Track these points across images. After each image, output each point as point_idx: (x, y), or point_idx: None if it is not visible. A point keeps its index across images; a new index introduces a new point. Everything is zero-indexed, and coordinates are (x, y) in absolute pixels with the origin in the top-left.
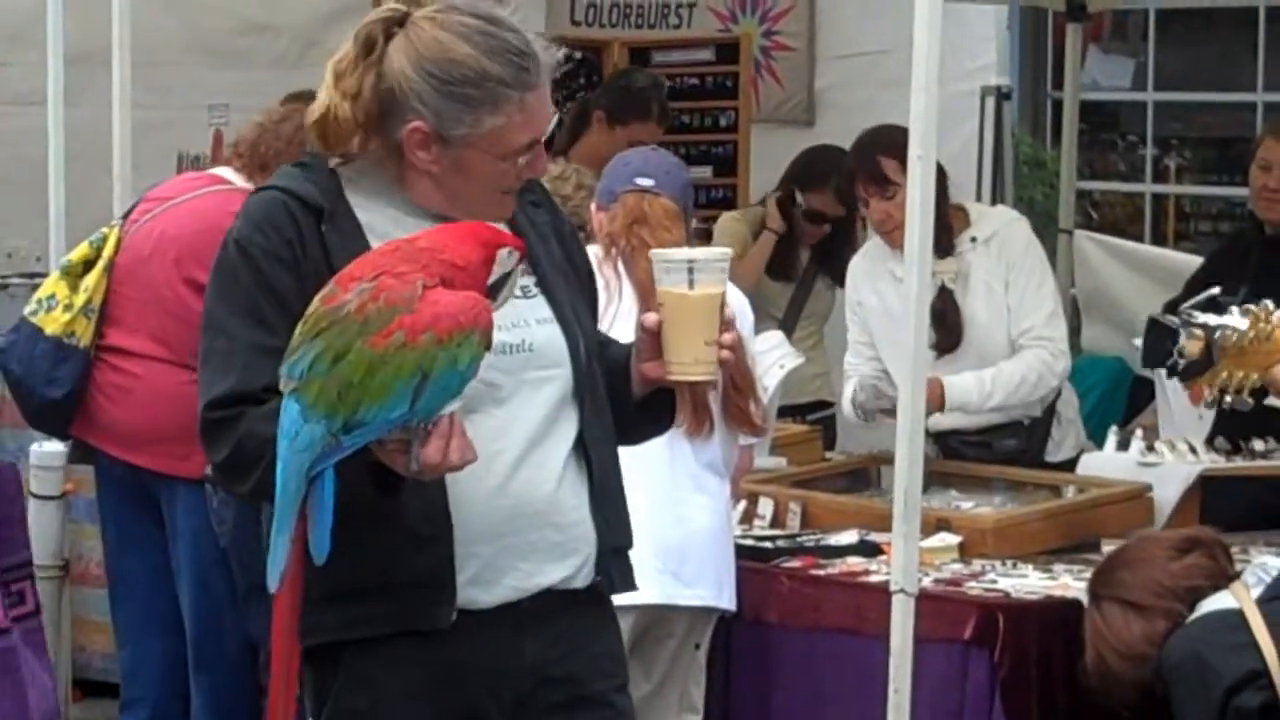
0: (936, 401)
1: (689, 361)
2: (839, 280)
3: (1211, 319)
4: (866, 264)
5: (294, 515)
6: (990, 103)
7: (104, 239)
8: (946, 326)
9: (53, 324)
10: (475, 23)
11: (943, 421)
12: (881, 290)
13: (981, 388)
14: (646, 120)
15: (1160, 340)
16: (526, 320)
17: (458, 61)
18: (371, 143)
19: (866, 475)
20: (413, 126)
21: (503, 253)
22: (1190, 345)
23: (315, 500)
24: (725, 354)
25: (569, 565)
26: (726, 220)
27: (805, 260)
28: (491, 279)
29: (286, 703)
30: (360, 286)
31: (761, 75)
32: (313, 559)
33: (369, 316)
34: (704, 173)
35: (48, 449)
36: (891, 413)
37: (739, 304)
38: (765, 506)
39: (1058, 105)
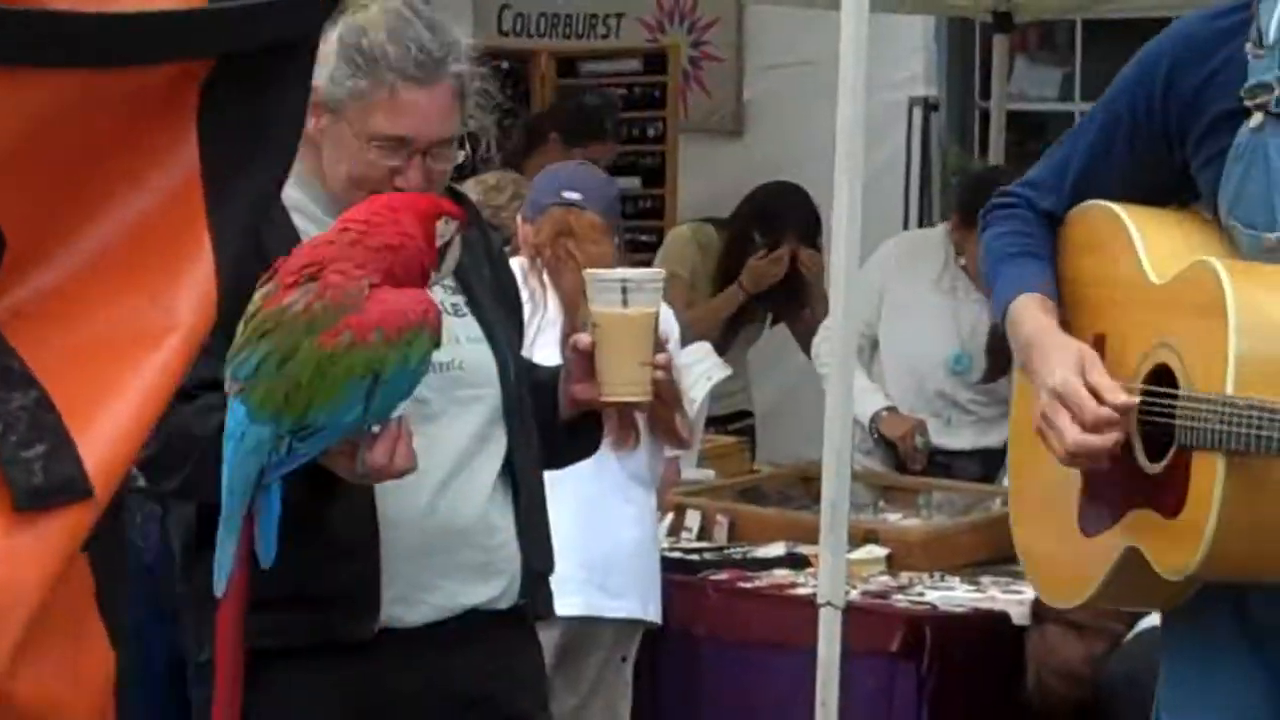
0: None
1: (621, 382)
2: (783, 318)
3: None
4: (907, 248)
5: (239, 520)
6: (918, 113)
7: None
8: (996, 357)
9: None
10: (403, 10)
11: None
12: (908, 280)
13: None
14: (604, 140)
15: None
16: (457, 338)
17: (364, 31)
18: None
19: (792, 485)
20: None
21: (439, 223)
22: None
23: (263, 506)
24: (659, 374)
25: (494, 586)
26: (676, 237)
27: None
28: (438, 245)
29: (232, 708)
30: (305, 285)
31: (690, 85)
32: (259, 563)
33: (315, 315)
34: (633, 183)
35: None
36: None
37: (666, 316)
38: (693, 519)
39: (985, 115)
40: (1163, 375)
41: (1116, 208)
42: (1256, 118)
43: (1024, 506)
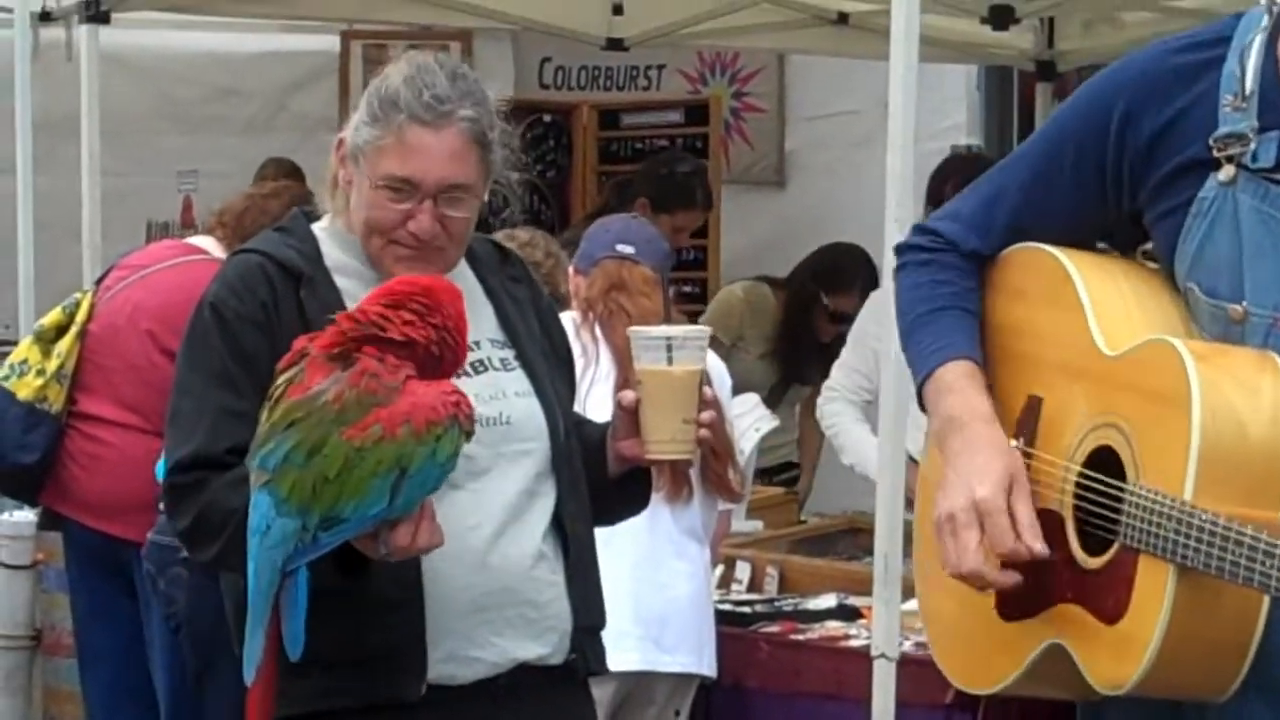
0: None
1: (666, 440)
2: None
3: None
4: None
5: (268, 609)
6: None
7: (77, 304)
8: None
9: (25, 389)
10: (428, 61)
11: None
12: None
13: None
14: (692, 209)
15: None
16: (505, 393)
17: (386, 79)
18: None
19: (840, 536)
20: (339, 138)
21: None
22: None
23: (289, 597)
24: (704, 433)
25: (545, 643)
26: (727, 298)
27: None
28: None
29: None
30: (336, 374)
31: (731, 136)
32: (290, 654)
33: (346, 406)
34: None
35: (18, 518)
36: None
37: (716, 369)
38: (743, 570)
39: None
40: (1106, 458)
41: (1060, 255)
42: (1227, 170)
43: (931, 569)
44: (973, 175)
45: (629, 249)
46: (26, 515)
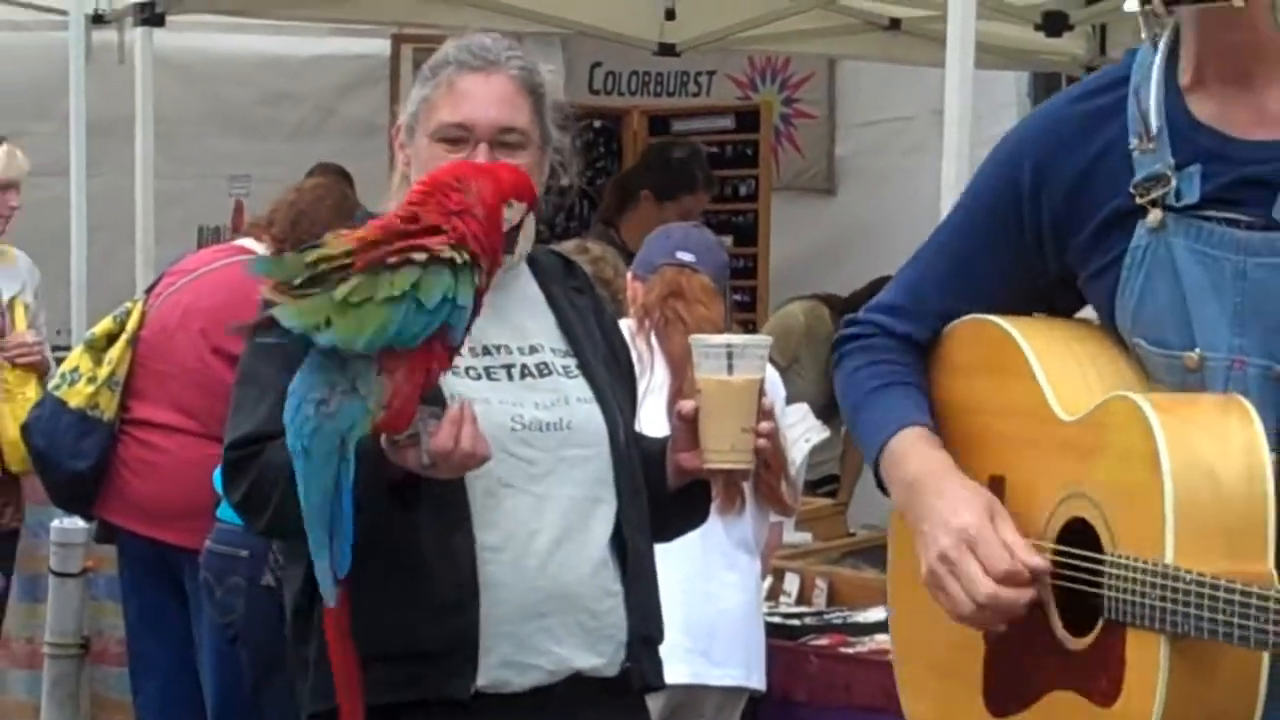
0: None
1: (726, 449)
2: None
3: None
4: None
5: (327, 531)
6: None
7: (128, 313)
8: None
9: (76, 397)
10: (476, 37)
11: None
12: None
13: None
14: (695, 192)
15: None
16: (567, 398)
17: (436, 55)
18: None
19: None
20: (395, 126)
21: (508, 205)
22: None
23: (337, 515)
24: (762, 442)
25: (601, 653)
26: (785, 319)
27: None
28: (508, 224)
29: (353, 708)
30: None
31: (781, 143)
32: (337, 573)
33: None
34: (724, 242)
35: (68, 525)
36: None
37: (771, 378)
38: (791, 583)
39: None
40: (1078, 531)
41: (1003, 323)
42: (1154, 215)
43: (914, 671)
44: None
45: (689, 256)
46: (77, 523)
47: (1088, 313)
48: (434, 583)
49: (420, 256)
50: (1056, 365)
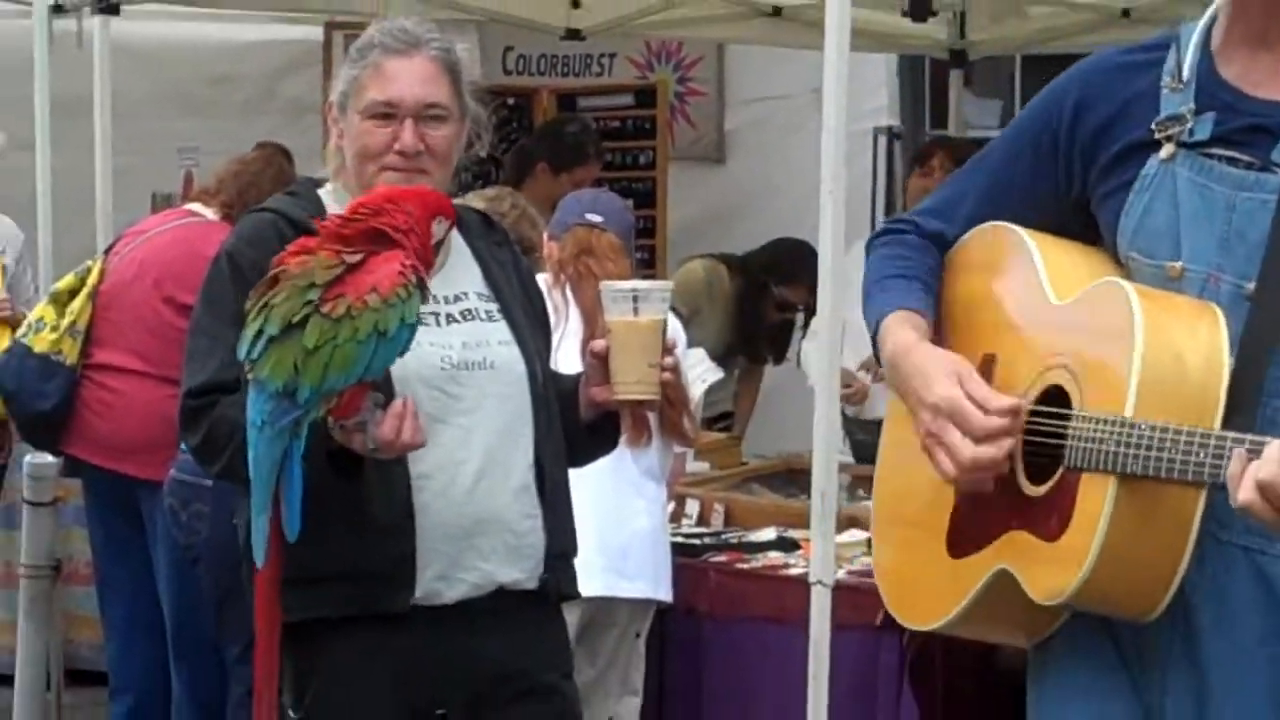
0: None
1: (633, 382)
2: (778, 357)
3: None
4: (858, 256)
5: (269, 497)
6: (883, 141)
7: (88, 270)
8: None
9: (41, 343)
10: (397, 21)
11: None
12: None
13: None
14: (586, 164)
15: None
16: (489, 341)
17: (362, 38)
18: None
19: (777, 476)
20: (327, 103)
21: (435, 222)
22: None
23: (286, 485)
24: (667, 375)
25: (522, 568)
26: (688, 275)
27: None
28: (435, 238)
29: (269, 674)
30: (301, 258)
31: (676, 118)
32: (287, 535)
33: (311, 272)
34: (628, 205)
35: (40, 460)
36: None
37: (673, 325)
38: (692, 507)
39: None
40: (1054, 396)
41: (1016, 228)
42: (1167, 149)
43: (888, 526)
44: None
45: (598, 218)
46: (46, 457)
47: None
48: (375, 510)
49: (375, 299)
50: (1055, 263)
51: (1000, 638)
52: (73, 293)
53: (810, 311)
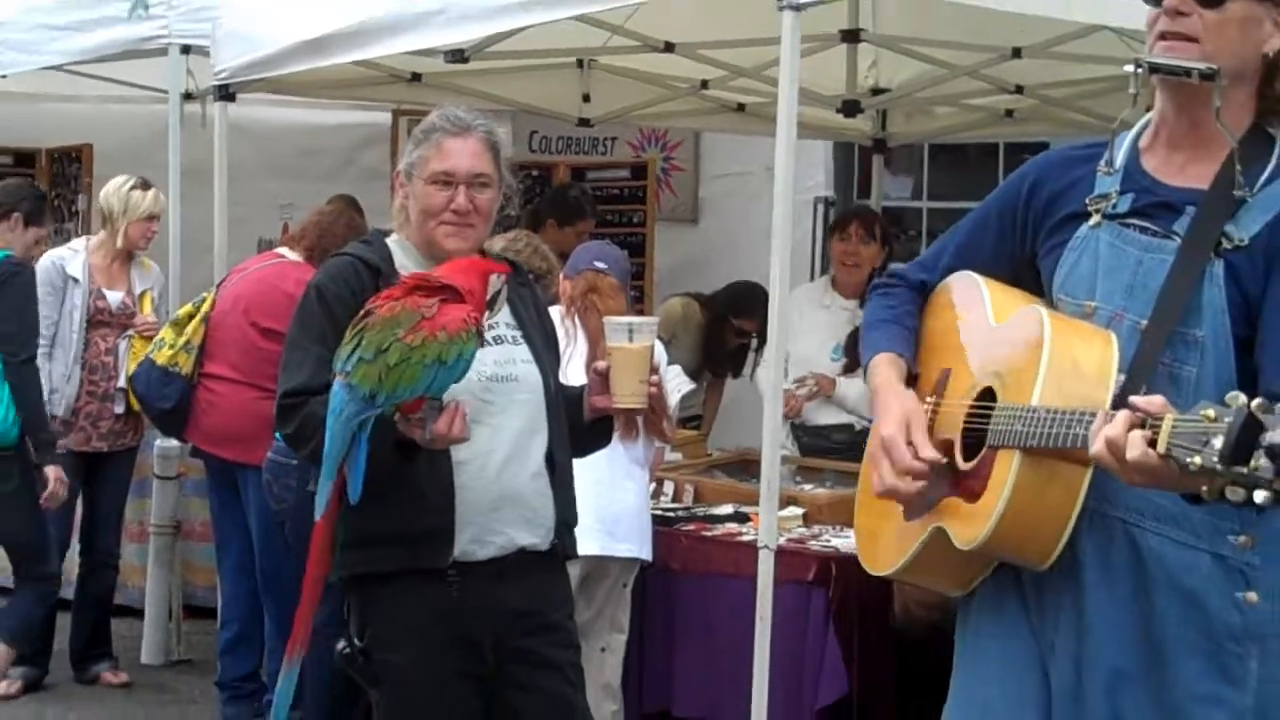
0: (829, 389)
1: (628, 395)
2: (736, 373)
3: None
4: (803, 294)
5: (336, 469)
6: (820, 208)
7: (203, 300)
8: (854, 353)
9: (161, 357)
10: (447, 107)
11: (820, 417)
12: (805, 312)
13: (861, 391)
14: (585, 219)
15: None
16: (514, 360)
17: (422, 123)
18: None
19: (735, 465)
20: (394, 172)
21: (493, 277)
22: None
23: (352, 459)
24: (653, 390)
25: (537, 534)
26: (669, 309)
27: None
28: (489, 295)
29: (310, 601)
30: (391, 304)
31: (662, 188)
32: (349, 500)
33: (399, 317)
34: (625, 255)
35: (167, 444)
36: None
37: (658, 349)
38: (669, 487)
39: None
40: (987, 395)
41: (976, 275)
42: (1095, 218)
43: (866, 499)
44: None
45: (602, 265)
46: (173, 442)
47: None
48: (423, 486)
49: (443, 335)
50: (997, 299)
51: (938, 586)
52: (190, 317)
53: (762, 339)
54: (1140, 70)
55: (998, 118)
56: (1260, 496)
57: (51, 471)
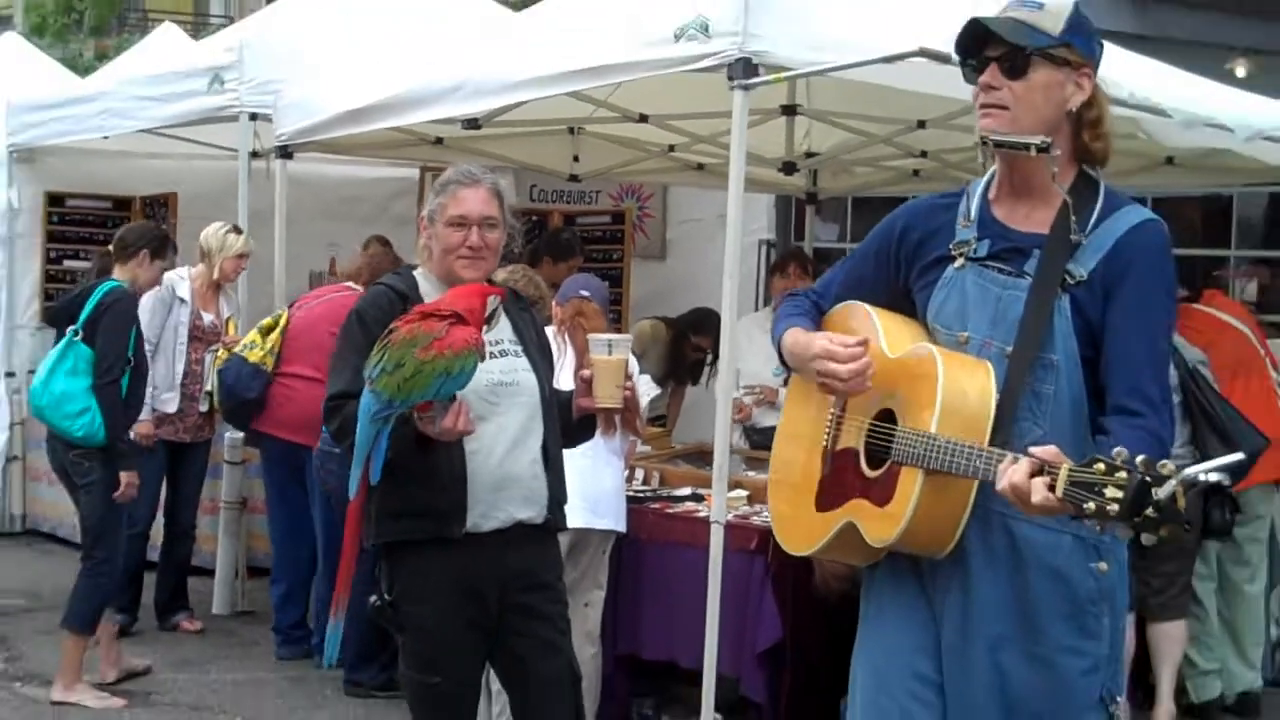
0: (772, 397)
1: (607, 397)
2: (695, 382)
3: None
4: (752, 321)
5: (364, 457)
6: (764, 249)
7: (279, 316)
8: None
9: (254, 356)
10: (466, 166)
11: (766, 420)
12: (754, 336)
13: None
14: (575, 257)
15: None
16: (516, 369)
17: (440, 177)
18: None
19: (693, 455)
20: (419, 216)
21: (490, 298)
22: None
23: (376, 449)
24: (627, 393)
25: (533, 510)
26: (640, 329)
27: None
28: (487, 313)
29: (349, 565)
30: (409, 326)
31: (636, 231)
32: (371, 481)
33: (415, 336)
34: (605, 285)
35: (235, 435)
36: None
37: (632, 361)
38: (640, 474)
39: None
40: (886, 415)
41: (866, 305)
42: (960, 261)
43: (779, 484)
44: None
45: (587, 293)
46: (239, 434)
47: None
48: (441, 471)
49: (450, 352)
50: (889, 328)
51: (848, 560)
52: (269, 329)
53: (715, 354)
54: (988, 144)
55: (906, 176)
56: (1146, 539)
57: (125, 475)
